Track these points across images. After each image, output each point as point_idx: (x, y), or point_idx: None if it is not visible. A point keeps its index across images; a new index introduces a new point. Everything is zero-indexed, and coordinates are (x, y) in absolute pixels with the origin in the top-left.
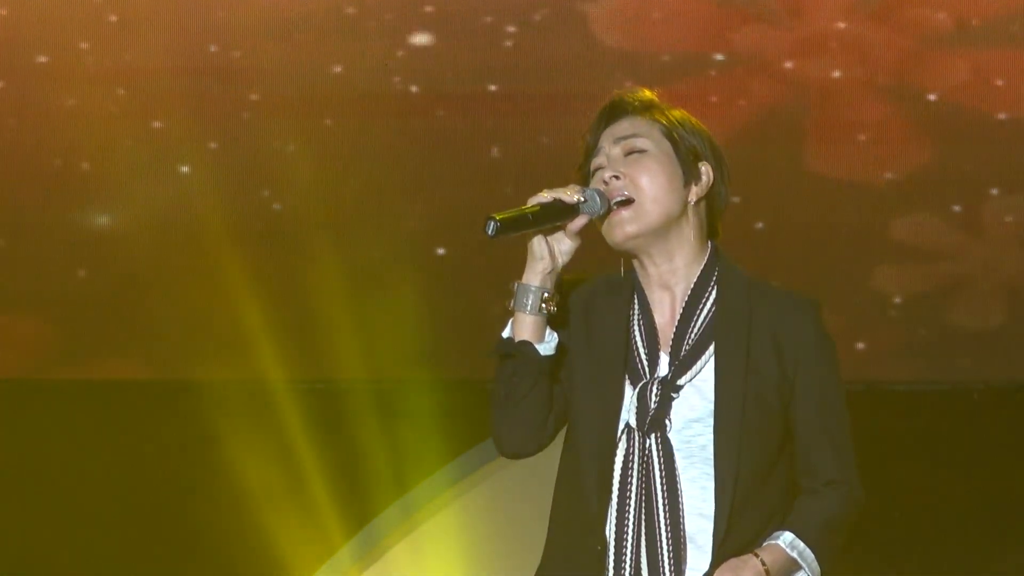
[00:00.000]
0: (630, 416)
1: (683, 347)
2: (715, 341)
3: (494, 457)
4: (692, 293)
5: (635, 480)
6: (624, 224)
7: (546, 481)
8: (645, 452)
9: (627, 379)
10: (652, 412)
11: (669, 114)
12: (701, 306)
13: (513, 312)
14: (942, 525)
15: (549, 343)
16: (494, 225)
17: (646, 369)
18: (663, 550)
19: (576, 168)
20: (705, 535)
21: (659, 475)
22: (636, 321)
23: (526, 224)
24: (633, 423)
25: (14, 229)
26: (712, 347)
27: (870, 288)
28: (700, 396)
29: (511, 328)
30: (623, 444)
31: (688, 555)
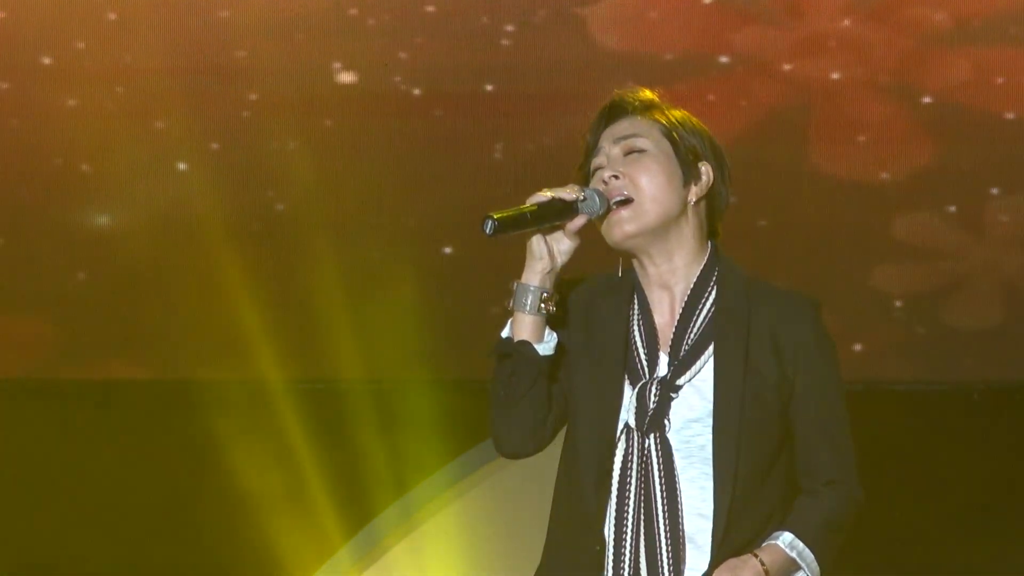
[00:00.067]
0: (629, 416)
1: (682, 347)
2: (714, 341)
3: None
4: (692, 293)
5: (634, 480)
6: (623, 223)
7: (546, 481)
8: (644, 452)
9: (626, 379)
10: (651, 412)
11: (669, 114)
12: (700, 306)
13: (512, 312)
14: (942, 525)
15: (548, 343)
16: (492, 224)
17: (645, 369)
18: (662, 550)
19: (576, 168)
20: (704, 535)
21: (658, 475)
22: (636, 321)
23: (524, 223)
24: (632, 423)
25: (14, 229)
26: (711, 347)
27: (870, 288)
28: (699, 396)
29: (510, 328)
30: (622, 444)
31: (687, 555)
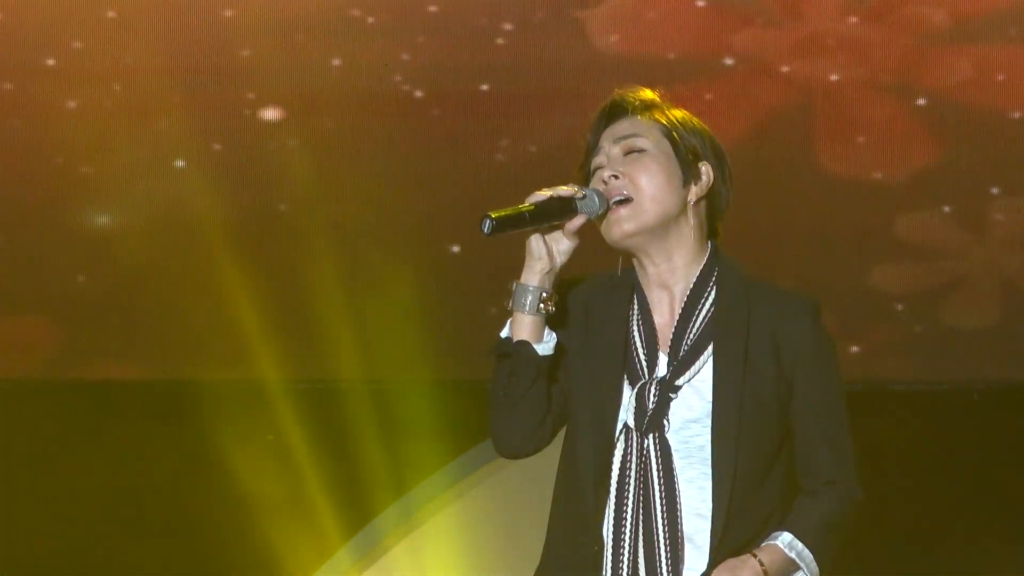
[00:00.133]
0: (628, 416)
1: (682, 347)
2: (714, 341)
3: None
4: (691, 293)
5: (633, 480)
6: (622, 222)
7: (545, 482)
8: (643, 452)
9: (625, 379)
10: (650, 412)
11: (670, 114)
12: (700, 306)
13: (512, 312)
14: (942, 525)
15: (547, 343)
16: (490, 223)
17: (644, 369)
18: (660, 550)
19: (577, 168)
20: (703, 535)
21: (657, 475)
22: (635, 321)
23: (523, 222)
24: (631, 423)
25: (14, 229)
26: (711, 347)
27: (870, 288)
28: (698, 396)
29: (509, 328)
30: (621, 444)
31: (686, 555)
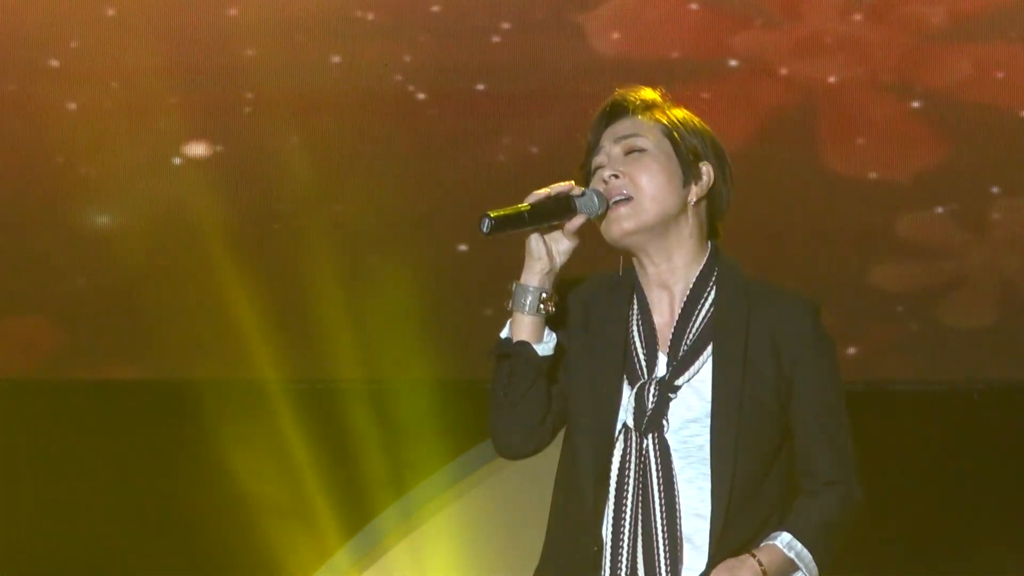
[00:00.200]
0: (627, 416)
1: (681, 347)
2: (713, 341)
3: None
4: (691, 293)
5: (632, 480)
6: (621, 220)
7: (545, 482)
8: (642, 452)
9: (625, 379)
10: (649, 412)
11: (670, 113)
12: (700, 306)
13: (511, 312)
14: (942, 525)
15: (547, 343)
16: (489, 223)
17: (644, 369)
18: (659, 550)
19: (578, 167)
20: (702, 535)
21: (656, 475)
22: (635, 321)
23: (522, 222)
24: (630, 423)
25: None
26: (710, 347)
27: (870, 288)
28: (698, 396)
29: (509, 328)
30: (620, 444)
31: (685, 555)
